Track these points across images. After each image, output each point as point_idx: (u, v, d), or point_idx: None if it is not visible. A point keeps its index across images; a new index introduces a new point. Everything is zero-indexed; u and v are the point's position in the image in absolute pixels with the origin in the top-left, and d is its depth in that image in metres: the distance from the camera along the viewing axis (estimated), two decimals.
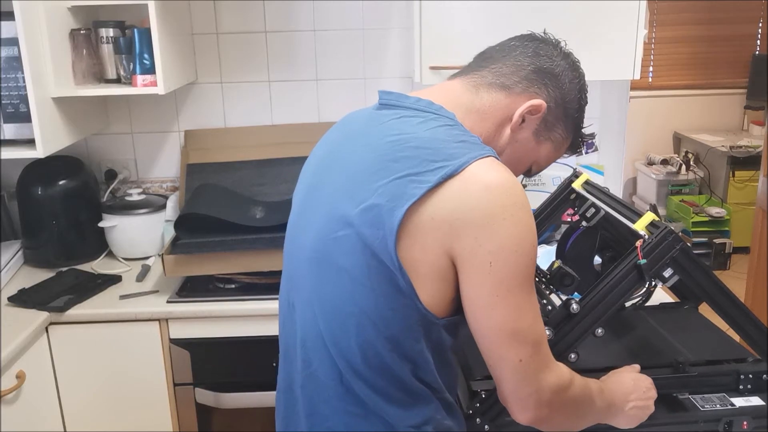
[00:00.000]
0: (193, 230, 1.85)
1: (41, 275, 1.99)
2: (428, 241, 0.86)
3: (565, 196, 1.34)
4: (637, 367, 1.12)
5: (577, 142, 1.07)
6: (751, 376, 1.10)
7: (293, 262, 1.02)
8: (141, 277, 1.97)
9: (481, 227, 0.85)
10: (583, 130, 1.07)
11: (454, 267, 0.88)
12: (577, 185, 1.32)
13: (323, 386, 0.97)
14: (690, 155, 4.78)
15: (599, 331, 1.01)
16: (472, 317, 0.89)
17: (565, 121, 1.02)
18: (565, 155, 1.10)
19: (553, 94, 1.00)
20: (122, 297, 1.83)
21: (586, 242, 1.24)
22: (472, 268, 0.87)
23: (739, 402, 1.08)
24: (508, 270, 0.86)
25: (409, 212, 0.86)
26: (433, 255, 0.87)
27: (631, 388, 1.06)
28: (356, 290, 0.91)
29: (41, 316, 1.73)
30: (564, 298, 1.03)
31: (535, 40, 1.03)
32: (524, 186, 2.45)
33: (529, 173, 1.09)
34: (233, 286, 1.86)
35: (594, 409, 1.01)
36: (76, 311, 1.77)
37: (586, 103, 1.05)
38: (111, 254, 2.14)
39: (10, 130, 1.73)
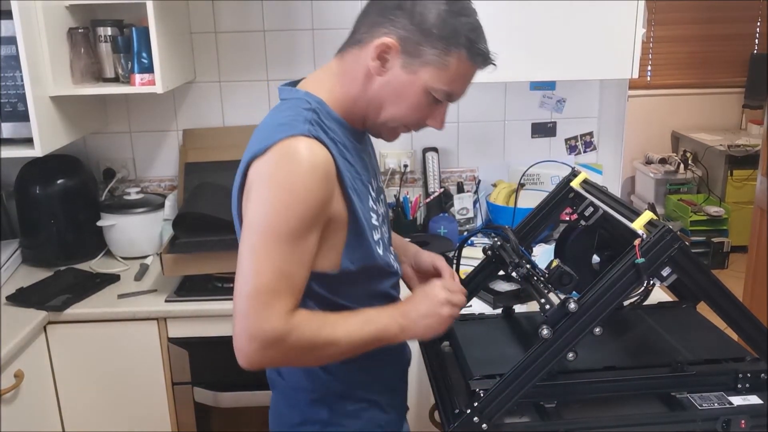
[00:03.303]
0: (192, 229, 1.84)
1: (39, 274, 1.99)
2: None
3: (563, 195, 1.34)
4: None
5: (473, 48, 1.01)
6: (749, 375, 1.10)
7: None
8: (139, 276, 1.97)
9: (250, 193, 0.99)
10: (472, 34, 1.01)
11: None
12: (575, 184, 1.31)
13: None
14: (688, 154, 4.78)
15: (597, 330, 1.01)
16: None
17: (427, 39, 0.99)
18: (479, 69, 1.04)
19: (401, 23, 0.98)
20: (120, 296, 1.83)
21: (585, 241, 1.24)
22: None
23: (737, 401, 1.08)
24: (257, 227, 0.97)
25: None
26: None
27: (420, 300, 1.07)
28: None
29: (39, 316, 1.73)
30: (562, 297, 1.03)
31: None
32: (522, 185, 2.43)
33: (450, 99, 1.05)
34: (231, 285, 1.85)
35: (337, 345, 1.02)
36: (75, 310, 1.77)
37: (451, 8, 1.00)
38: (109, 253, 2.14)
39: (8, 129, 1.73)
